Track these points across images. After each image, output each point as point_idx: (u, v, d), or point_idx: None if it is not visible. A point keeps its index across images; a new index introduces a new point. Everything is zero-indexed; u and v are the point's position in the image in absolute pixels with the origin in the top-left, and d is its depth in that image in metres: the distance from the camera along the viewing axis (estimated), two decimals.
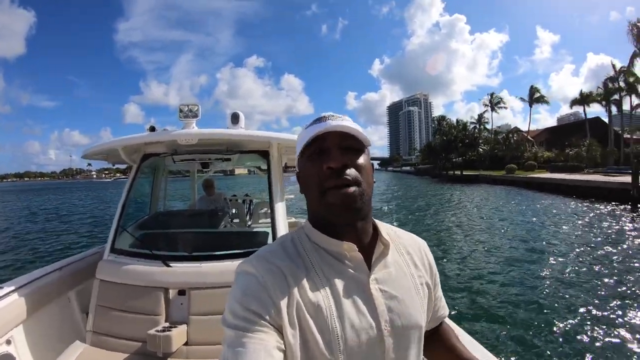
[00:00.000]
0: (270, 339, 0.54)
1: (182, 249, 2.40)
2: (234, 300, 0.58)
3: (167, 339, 1.90)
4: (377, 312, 0.61)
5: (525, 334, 4.23)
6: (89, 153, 2.87)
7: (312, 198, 0.65)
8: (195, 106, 2.47)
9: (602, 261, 7.17)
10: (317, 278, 0.61)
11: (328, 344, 0.56)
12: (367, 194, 0.64)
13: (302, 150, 0.66)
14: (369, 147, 0.69)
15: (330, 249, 0.65)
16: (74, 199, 38.60)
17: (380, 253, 0.67)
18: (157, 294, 2.16)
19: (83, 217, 19.11)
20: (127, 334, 2.07)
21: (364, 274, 0.64)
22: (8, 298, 2.01)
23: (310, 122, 0.68)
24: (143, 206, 3.49)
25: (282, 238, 0.70)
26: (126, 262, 2.28)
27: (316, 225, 0.67)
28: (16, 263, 8.76)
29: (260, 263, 0.61)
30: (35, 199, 39.99)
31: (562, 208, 15.71)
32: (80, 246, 10.33)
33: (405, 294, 0.65)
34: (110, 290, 2.21)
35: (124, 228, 2.54)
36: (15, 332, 2.01)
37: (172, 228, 2.94)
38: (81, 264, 2.70)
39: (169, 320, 2.14)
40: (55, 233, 13.63)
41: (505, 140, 48.95)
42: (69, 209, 24.76)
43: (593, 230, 10.40)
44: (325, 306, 0.58)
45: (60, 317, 2.41)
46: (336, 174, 0.61)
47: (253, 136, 2.56)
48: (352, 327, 0.58)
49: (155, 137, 2.48)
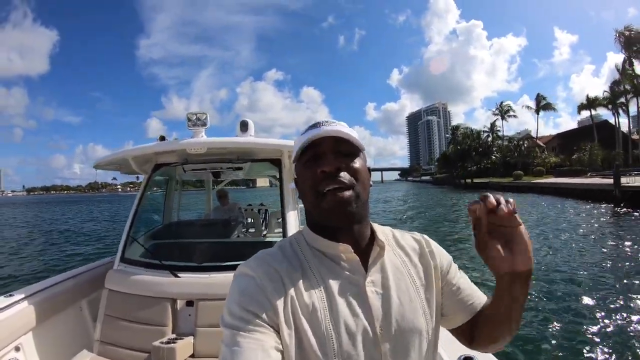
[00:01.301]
0: (268, 339, 0.54)
1: (192, 260, 2.39)
2: (232, 301, 0.59)
3: (171, 351, 1.89)
4: (372, 314, 0.60)
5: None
6: (100, 163, 2.89)
7: (308, 202, 0.66)
8: (204, 114, 2.46)
9: (581, 249, 8.57)
10: (314, 280, 0.62)
11: (322, 346, 0.56)
12: (362, 197, 0.64)
13: (298, 156, 0.68)
14: (363, 151, 0.69)
15: (327, 251, 0.65)
16: (110, 209, 40.40)
17: (376, 255, 0.66)
18: (164, 304, 2.14)
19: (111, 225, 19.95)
20: (134, 345, 2.06)
21: (361, 276, 0.64)
22: (18, 305, 2.01)
23: (306, 128, 0.69)
24: (156, 216, 3.52)
25: (281, 242, 0.71)
26: (135, 272, 2.28)
27: (314, 228, 0.68)
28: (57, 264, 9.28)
29: (258, 265, 0.63)
30: (69, 207, 42.91)
31: (558, 207, 17.99)
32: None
33: (402, 296, 0.64)
34: (118, 300, 2.21)
35: (134, 238, 2.55)
36: (24, 339, 2.01)
37: (183, 238, 2.93)
38: (94, 272, 2.70)
39: (176, 332, 2.12)
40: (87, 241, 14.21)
41: (517, 148, 50.50)
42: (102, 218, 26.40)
43: (577, 225, 12.10)
44: (320, 308, 0.59)
45: (71, 325, 2.41)
46: (331, 177, 0.62)
47: (263, 144, 2.54)
48: (347, 330, 0.58)
49: (165, 146, 2.48)
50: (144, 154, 2.63)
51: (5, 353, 1.86)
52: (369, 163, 0.72)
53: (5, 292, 2.16)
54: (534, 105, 53.68)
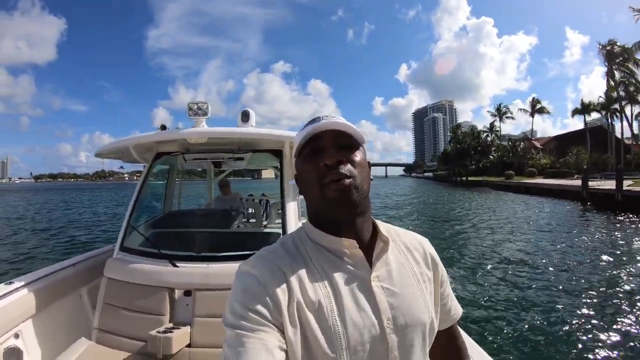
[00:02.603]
0: (272, 338, 0.54)
1: (190, 249, 2.38)
2: (234, 300, 0.58)
3: (167, 340, 1.88)
4: (379, 309, 0.60)
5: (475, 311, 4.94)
6: (102, 152, 2.87)
7: (310, 196, 0.66)
8: (205, 104, 2.44)
9: (540, 240, 10.10)
10: (318, 276, 0.61)
11: (330, 342, 0.56)
12: (364, 189, 0.64)
13: (299, 151, 0.68)
14: (364, 144, 0.69)
15: (331, 246, 0.65)
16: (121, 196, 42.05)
17: (380, 250, 0.66)
18: (162, 294, 2.13)
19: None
20: (131, 333, 2.06)
21: (366, 271, 0.63)
22: (18, 293, 2.01)
23: (306, 123, 0.69)
24: (157, 205, 3.52)
25: (283, 238, 0.71)
26: (134, 260, 2.28)
27: (316, 224, 0.67)
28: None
29: (260, 263, 0.62)
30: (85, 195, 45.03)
31: (535, 205, 20.43)
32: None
33: (407, 291, 0.65)
34: (117, 288, 2.21)
35: (133, 227, 2.55)
36: (24, 326, 2.02)
37: (182, 227, 2.93)
38: (95, 260, 2.70)
39: (173, 321, 2.10)
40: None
41: (513, 148, 52.81)
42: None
43: (544, 219, 14.60)
44: (326, 304, 0.58)
45: (71, 313, 2.41)
46: (332, 169, 0.62)
47: (264, 135, 2.52)
48: (354, 325, 0.58)
49: (166, 135, 2.48)
50: (145, 142, 2.63)
51: (4, 340, 1.87)
52: (376, 158, 0.83)
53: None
54: (537, 107, 56.52)
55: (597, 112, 42.56)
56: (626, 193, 16.46)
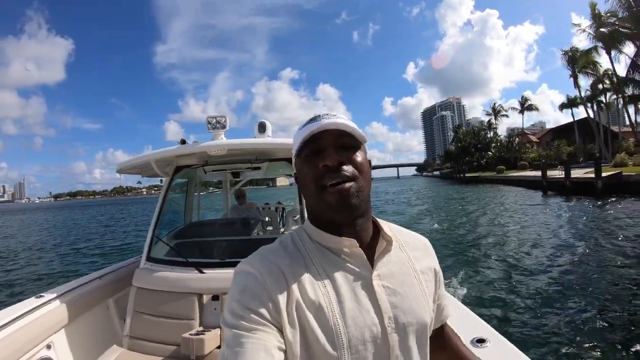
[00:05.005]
0: (270, 338, 0.53)
1: (215, 256, 2.49)
2: (232, 300, 0.58)
3: (200, 342, 1.95)
4: (380, 308, 0.60)
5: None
6: (123, 168, 2.94)
7: (310, 197, 0.65)
8: (223, 117, 2.49)
9: (506, 222, 12.23)
10: (318, 275, 0.61)
11: (331, 341, 0.56)
12: (365, 191, 0.63)
13: (298, 151, 0.66)
14: (365, 143, 0.67)
15: (331, 246, 0.64)
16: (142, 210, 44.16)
17: (382, 249, 0.66)
18: (191, 299, 2.22)
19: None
20: (162, 338, 2.13)
21: (367, 270, 0.63)
22: (49, 305, 2.10)
23: (305, 122, 0.67)
24: (178, 217, 3.62)
25: (282, 237, 0.70)
26: (161, 269, 2.36)
27: (316, 223, 0.67)
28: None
29: (259, 262, 0.61)
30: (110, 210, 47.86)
31: (510, 194, 24.76)
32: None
33: (409, 291, 0.64)
34: (146, 296, 2.29)
35: (159, 238, 2.64)
36: (55, 337, 2.09)
37: (205, 237, 3.02)
38: (120, 272, 2.81)
39: (202, 325, 2.19)
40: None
41: (508, 143, 55.68)
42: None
43: (509, 204, 18.17)
44: (326, 303, 0.58)
45: (99, 323, 2.51)
46: (333, 171, 0.61)
47: (279, 144, 2.57)
48: (355, 324, 0.57)
49: (186, 149, 2.53)
50: (166, 157, 2.68)
51: (37, 351, 1.94)
52: (388, 159, 1.04)
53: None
54: (525, 105, 59.64)
55: (582, 105, 45.34)
56: (574, 180, 20.07)
